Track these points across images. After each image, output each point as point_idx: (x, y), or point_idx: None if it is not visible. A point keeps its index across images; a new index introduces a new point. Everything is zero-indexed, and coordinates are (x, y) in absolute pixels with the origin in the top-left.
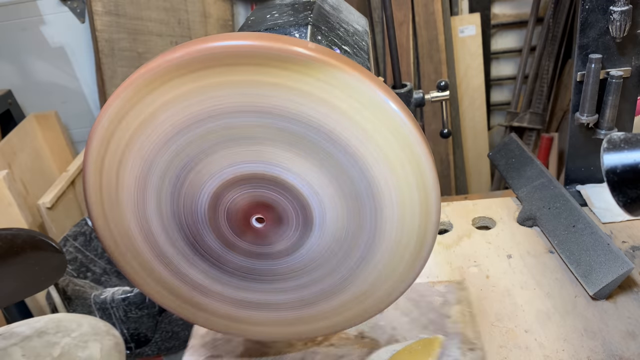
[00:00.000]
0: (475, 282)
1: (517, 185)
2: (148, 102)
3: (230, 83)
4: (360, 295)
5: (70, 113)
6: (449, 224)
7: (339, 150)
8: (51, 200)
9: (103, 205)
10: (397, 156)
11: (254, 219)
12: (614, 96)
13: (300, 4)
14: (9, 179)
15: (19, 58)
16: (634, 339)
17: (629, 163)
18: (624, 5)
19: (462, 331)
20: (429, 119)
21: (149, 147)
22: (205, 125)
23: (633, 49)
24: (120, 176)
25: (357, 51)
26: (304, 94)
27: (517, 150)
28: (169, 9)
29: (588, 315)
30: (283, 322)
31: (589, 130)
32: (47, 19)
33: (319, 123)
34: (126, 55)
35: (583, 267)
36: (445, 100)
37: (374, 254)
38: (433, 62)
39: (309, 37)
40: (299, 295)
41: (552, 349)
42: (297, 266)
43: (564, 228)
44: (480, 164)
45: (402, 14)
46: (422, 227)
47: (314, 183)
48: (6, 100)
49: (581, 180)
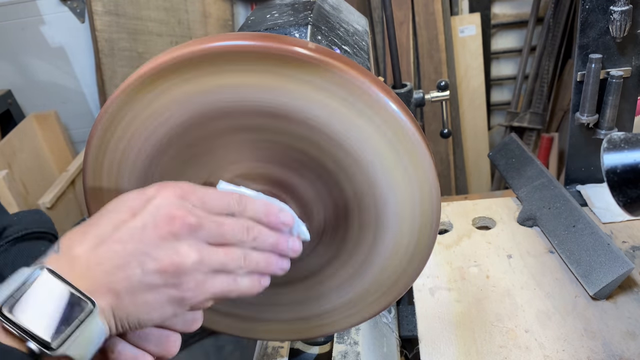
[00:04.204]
0: (475, 282)
1: (517, 185)
2: (148, 102)
3: (229, 83)
4: (360, 295)
5: (70, 113)
6: (449, 224)
7: (338, 150)
8: (51, 200)
9: (104, 205)
10: (397, 156)
11: None
12: (614, 96)
13: (300, 4)
14: (9, 179)
15: (19, 58)
16: (634, 339)
17: (629, 163)
18: (624, 5)
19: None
20: (429, 119)
21: (149, 148)
22: (204, 126)
23: (633, 49)
24: (120, 176)
25: (357, 51)
26: (303, 94)
27: (517, 150)
28: (169, 9)
29: (588, 315)
30: (282, 322)
31: (589, 130)
32: (47, 19)
33: (318, 123)
34: (126, 55)
35: (583, 267)
36: (445, 100)
37: (373, 254)
38: (433, 62)
39: (309, 37)
40: (298, 296)
41: (552, 349)
42: (295, 268)
43: (564, 228)
44: (480, 164)
45: (402, 14)
46: (422, 227)
47: (312, 183)
48: (6, 100)
49: (581, 180)
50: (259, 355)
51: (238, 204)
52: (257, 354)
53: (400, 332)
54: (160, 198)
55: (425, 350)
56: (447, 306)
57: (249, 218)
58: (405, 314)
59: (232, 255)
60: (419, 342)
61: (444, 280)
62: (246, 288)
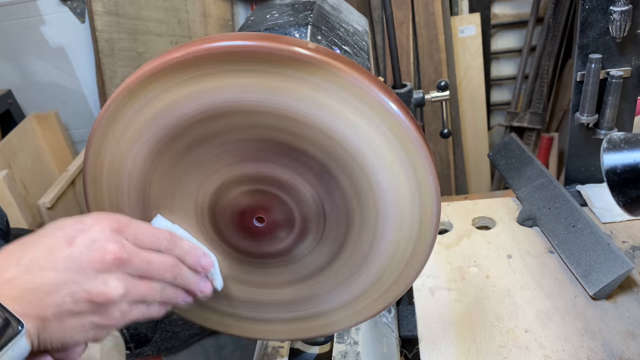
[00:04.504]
0: (475, 282)
1: (517, 185)
2: (147, 102)
3: (229, 83)
4: (360, 295)
5: (70, 113)
6: (449, 224)
7: (337, 150)
8: (51, 200)
9: (103, 205)
10: (397, 156)
11: (254, 218)
12: (614, 96)
13: (300, 4)
14: (9, 179)
15: (19, 58)
16: (634, 339)
17: (629, 163)
18: (624, 5)
19: None
20: (429, 119)
21: (148, 148)
22: (204, 126)
23: (633, 49)
24: (120, 176)
25: (357, 51)
26: (303, 94)
27: (517, 150)
28: (169, 9)
29: (588, 315)
30: (282, 322)
31: (589, 130)
32: (47, 19)
33: (318, 123)
34: (126, 55)
35: (583, 267)
36: (445, 100)
37: (373, 254)
38: (433, 62)
39: (309, 37)
40: (298, 295)
41: (552, 349)
42: (295, 267)
43: (564, 228)
44: (480, 164)
45: (402, 14)
46: (422, 227)
47: (313, 183)
48: (6, 100)
49: (581, 180)
50: (259, 355)
51: (167, 242)
52: (257, 354)
53: (400, 332)
54: (96, 230)
55: (425, 350)
56: (447, 306)
57: (174, 256)
58: (405, 314)
59: (153, 290)
60: (419, 342)
61: (444, 280)
62: (154, 314)
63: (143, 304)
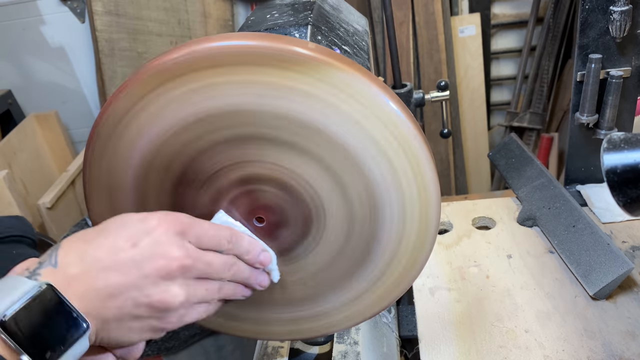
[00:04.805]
0: (475, 282)
1: (517, 185)
2: (147, 102)
3: (229, 83)
4: (360, 295)
5: (70, 113)
6: (449, 224)
7: (338, 150)
8: (51, 200)
9: (104, 206)
10: (397, 156)
11: (254, 218)
12: (614, 96)
13: (300, 4)
14: (9, 179)
15: (19, 58)
16: (634, 339)
17: (629, 163)
18: (624, 5)
19: None
20: (429, 119)
21: (148, 148)
22: (204, 125)
23: (633, 49)
24: (121, 177)
25: (357, 51)
26: (303, 94)
27: (517, 150)
28: (169, 9)
29: (588, 315)
30: (282, 322)
31: (589, 130)
32: (47, 19)
33: (318, 123)
34: (126, 55)
35: (583, 267)
36: (445, 100)
37: (373, 253)
38: (433, 62)
39: (309, 37)
40: (298, 295)
41: (552, 349)
42: (295, 267)
43: (564, 228)
44: (480, 164)
45: (402, 14)
46: (422, 227)
47: (313, 183)
48: (6, 100)
49: (581, 180)
50: (259, 355)
51: (228, 242)
52: (257, 354)
53: (400, 332)
54: (161, 232)
55: (425, 350)
56: (447, 306)
57: (233, 255)
58: (405, 314)
59: (211, 290)
60: (419, 342)
61: (444, 280)
62: (211, 311)
63: (201, 304)
